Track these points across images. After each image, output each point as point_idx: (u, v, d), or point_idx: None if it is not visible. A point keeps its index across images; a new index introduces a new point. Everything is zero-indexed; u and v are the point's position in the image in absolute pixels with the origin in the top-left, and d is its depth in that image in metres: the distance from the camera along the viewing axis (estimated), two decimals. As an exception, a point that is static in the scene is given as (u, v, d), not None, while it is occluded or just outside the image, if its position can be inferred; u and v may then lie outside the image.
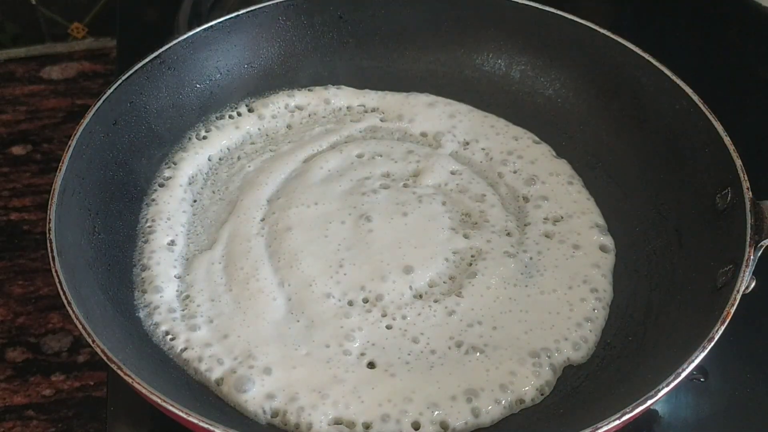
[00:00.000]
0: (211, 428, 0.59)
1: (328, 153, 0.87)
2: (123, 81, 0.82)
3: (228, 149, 0.88)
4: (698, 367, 0.62)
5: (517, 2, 0.90)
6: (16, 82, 1.16)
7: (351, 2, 0.93)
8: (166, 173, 0.84)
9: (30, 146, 1.07)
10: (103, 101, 0.80)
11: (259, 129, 0.90)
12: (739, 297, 0.65)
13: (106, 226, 0.77)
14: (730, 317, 0.64)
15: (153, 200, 0.82)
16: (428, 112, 0.91)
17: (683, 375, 0.61)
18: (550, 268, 0.77)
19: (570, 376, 0.71)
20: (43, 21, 1.21)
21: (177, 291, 0.76)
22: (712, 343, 0.63)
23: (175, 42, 0.86)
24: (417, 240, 0.78)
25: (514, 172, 0.86)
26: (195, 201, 0.84)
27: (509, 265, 0.77)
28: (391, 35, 0.94)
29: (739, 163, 0.72)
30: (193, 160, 0.86)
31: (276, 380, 0.69)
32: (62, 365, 0.86)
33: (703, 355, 0.62)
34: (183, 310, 0.74)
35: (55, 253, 0.68)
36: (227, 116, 0.90)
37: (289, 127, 0.91)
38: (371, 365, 0.70)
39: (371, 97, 0.93)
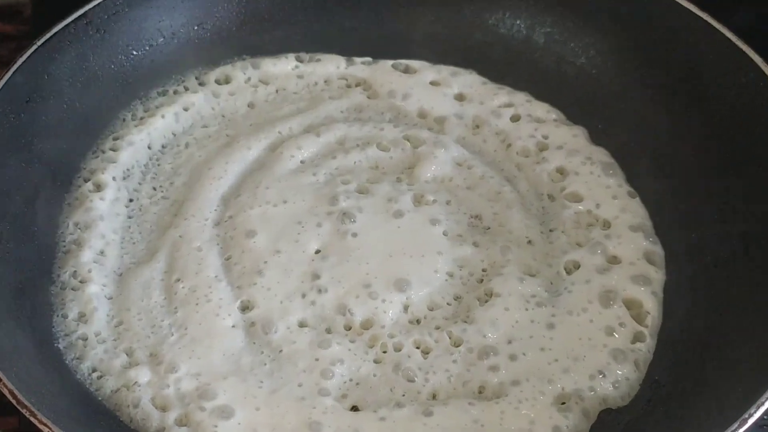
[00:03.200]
0: (148, 493, 0.59)
1: (301, 138, 0.87)
2: (39, 46, 0.82)
3: (173, 134, 0.88)
4: (771, 411, 0.62)
5: (542, -54, 0.91)
6: None
7: (331, -54, 0.94)
8: (94, 165, 0.84)
9: None
10: (14, 72, 0.80)
11: (212, 108, 0.91)
12: (823, 322, 0.65)
13: (17, 233, 0.76)
14: (810, 348, 0.64)
15: (77, 199, 0.82)
16: (428, 87, 0.92)
17: (751, 421, 0.61)
18: (581, 285, 0.77)
19: (607, 422, 0.71)
20: (-59, -31, 1.21)
21: (107, 315, 0.76)
22: (788, 381, 0.63)
23: (105, -3, 0.86)
24: (413, 248, 0.78)
25: (538, 162, 0.86)
26: (131, 200, 0.84)
27: (531, 282, 0.77)
28: (382, -13, 0.95)
29: (822, 151, 0.73)
30: (129, 149, 0.86)
31: (235, 426, 0.69)
32: (-37, 409, 0.85)
33: (776, 396, 0.62)
34: (114, 340, 0.74)
35: (-53, 267, 0.68)
36: (172, 92, 0.91)
37: (251, 105, 0.91)
38: (355, 408, 0.70)
39: (356, 68, 0.93)
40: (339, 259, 0.78)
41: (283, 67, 0.93)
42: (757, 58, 0.79)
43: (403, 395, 0.71)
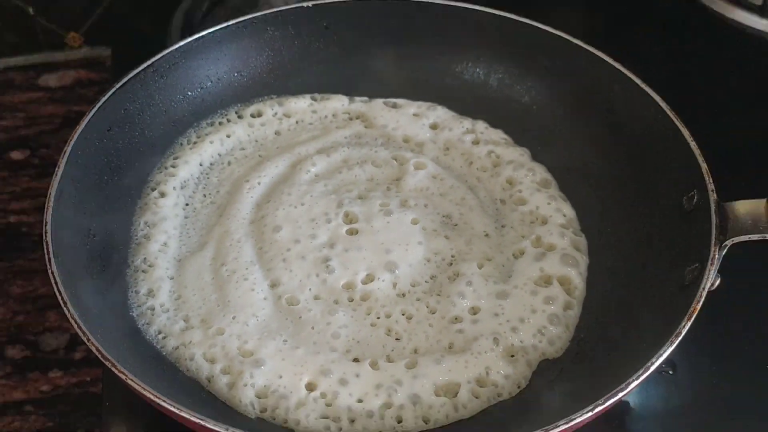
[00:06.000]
0: (201, 422, 0.60)
1: (315, 157, 0.87)
2: (117, 89, 0.82)
3: (219, 155, 0.88)
4: (667, 361, 0.63)
5: (495, 14, 0.90)
6: (15, 89, 1.14)
7: (337, 13, 0.93)
8: (159, 178, 0.84)
9: (28, 151, 1.06)
10: (98, 108, 0.80)
11: (248, 135, 0.90)
12: (704, 294, 0.65)
13: (101, 229, 0.77)
14: (696, 313, 0.65)
15: (146, 204, 0.82)
16: (411, 119, 0.91)
17: (652, 368, 0.62)
18: (525, 267, 0.77)
19: (545, 369, 0.72)
20: (41, 31, 1.21)
21: (169, 291, 0.76)
22: (680, 338, 0.63)
23: (167, 51, 0.86)
24: (400, 240, 0.79)
25: (493, 175, 0.86)
26: (187, 204, 0.84)
27: (488, 265, 0.77)
28: (375, 45, 0.94)
29: (704, 166, 0.73)
30: (185, 166, 0.86)
31: (265, 372, 0.69)
32: (59, 362, 0.85)
33: (671, 349, 0.63)
34: (175, 310, 0.75)
35: (51, 255, 0.68)
36: (218, 123, 0.90)
37: (277, 133, 0.91)
38: (356, 360, 0.71)
39: (356, 105, 0.93)
40: (344, 248, 0.78)
41: (301, 104, 0.93)
42: (657, 97, 0.80)
43: (392, 350, 0.72)
